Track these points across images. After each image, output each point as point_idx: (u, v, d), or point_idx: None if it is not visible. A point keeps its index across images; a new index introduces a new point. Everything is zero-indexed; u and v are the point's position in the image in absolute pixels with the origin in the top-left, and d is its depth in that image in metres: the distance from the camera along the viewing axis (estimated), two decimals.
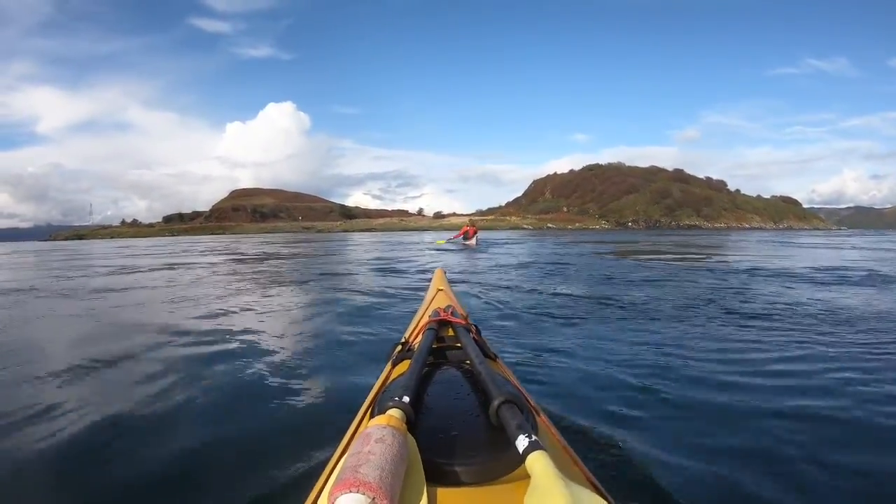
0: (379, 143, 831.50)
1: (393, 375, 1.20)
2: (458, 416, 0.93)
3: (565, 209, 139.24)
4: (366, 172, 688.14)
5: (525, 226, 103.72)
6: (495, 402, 0.84)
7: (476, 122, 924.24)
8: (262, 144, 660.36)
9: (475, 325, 1.48)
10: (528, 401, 1.05)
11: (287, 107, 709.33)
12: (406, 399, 0.86)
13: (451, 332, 1.44)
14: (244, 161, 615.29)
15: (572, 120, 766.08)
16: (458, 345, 1.30)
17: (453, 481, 0.75)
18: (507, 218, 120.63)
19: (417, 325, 1.67)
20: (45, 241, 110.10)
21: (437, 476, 0.75)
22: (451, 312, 1.55)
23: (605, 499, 0.71)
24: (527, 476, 0.69)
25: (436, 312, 1.56)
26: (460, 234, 19.56)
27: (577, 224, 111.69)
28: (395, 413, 0.80)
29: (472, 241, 18.15)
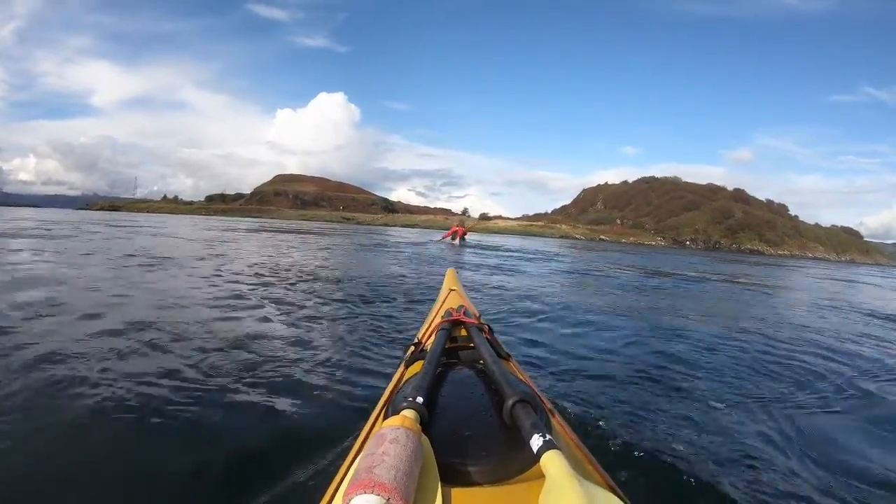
0: (427, 140, 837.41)
1: (406, 376, 1.21)
2: (472, 416, 0.97)
3: (618, 221, 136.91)
4: (412, 169, 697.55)
5: (576, 235, 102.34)
6: (509, 402, 0.88)
7: (525, 128, 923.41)
8: (312, 133, 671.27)
9: (488, 325, 1.51)
10: (541, 400, 1.08)
11: (338, 98, 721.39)
12: (420, 399, 0.90)
13: (464, 333, 1.47)
14: (292, 148, 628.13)
15: (622, 132, 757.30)
16: (472, 345, 1.34)
17: (468, 481, 0.78)
18: (558, 226, 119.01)
19: (430, 325, 1.71)
20: (81, 209, 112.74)
21: (452, 476, 0.78)
22: (464, 312, 1.57)
23: (621, 498, 0.75)
24: (541, 476, 0.71)
25: (448, 313, 1.58)
26: (448, 235, 20.40)
27: (631, 238, 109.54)
28: (408, 414, 0.84)
29: (456, 241, 19.30)
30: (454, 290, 2.28)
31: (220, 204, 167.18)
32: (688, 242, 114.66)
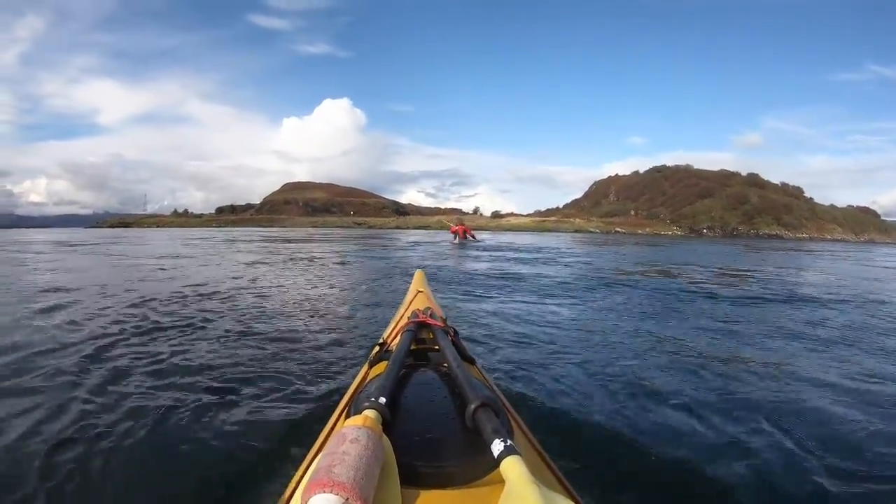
0: (434, 141, 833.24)
1: (370, 376, 1.24)
2: (434, 418, 0.98)
3: (633, 213, 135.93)
4: (420, 170, 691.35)
5: (591, 229, 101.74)
6: (471, 406, 0.89)
7: (530, 123, 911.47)
8: (319, 140, 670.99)
9: (453, 329, 1.52)
10: (504, 405, 1.11)
11: (343, 103, 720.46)
12: (382, 400, 0.90)
13: (429, 335, 1.48)
14: (300, 156, 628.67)
15: (628, 122, 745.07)
16: (437, 347, 1.35)
17: (428, 483, 0.79)
18: (571, 220, 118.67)
19: (396, 326, 1.72)
20: (91, 227, 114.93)
21: (412, 478, 0.79)
22: (430, 314, 1.58)
23: None
24: (501, 480, 0.73)
25: (415, 314, 1.60)
26: (451, 233, 19.94)
27: (647, 229, 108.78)
28: (370, 414, 0.84)
29: (457, 241, 18.89)
30: (422, 291, 2.30)
31: (230, 215, 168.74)
32: (705, 230, 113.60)
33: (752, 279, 8.84)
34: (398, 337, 1.45)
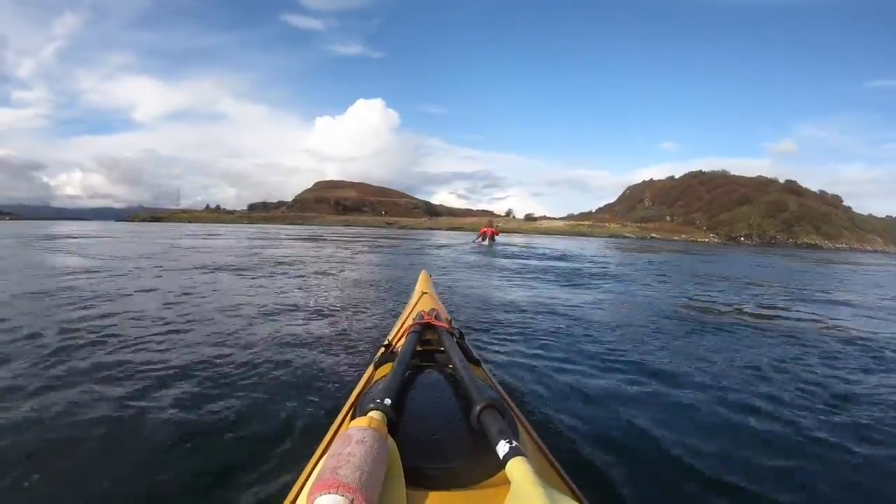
0: (466, 143, 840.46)
1: (375, 377, 1.23)
2: (440, 420, 0.98)
3: (668, 218, 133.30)
4: (452, 171, 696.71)
5: (626, 234, 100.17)
6: (477, 408, 0.88)
7: (563, 126, 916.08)
8: (351, 139, 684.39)
9: (459, 330, 1.52)
10: (510, 407, 1.11)
11: (376, 103, 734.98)
12: (388, 402, 0.90)
13: (435, 336, 1.48)
14: (333, 155, 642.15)
15: (660, 127, 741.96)
16: (442, 349, 1.34)
17: (433, 485, 0.78)
18: (606, 225, 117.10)
19: (401, 327, 1.70)
20: (121, 221, 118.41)
21: (418, 479, 0.78)
22: (436, 316, 1.57)
23: None
24: (507, 482, 0.72)
25: (420, 315, 1.59)
26: (479, 236, 19.39)
27: (682, 235, 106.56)
28: (376, 415, 0.84)
29: (486, 242, 18.58)
30: (426, 293, 2.28)
31: (261, 212, 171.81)
32: (742, 238, 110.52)
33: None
34: (403, 338, 1.45)
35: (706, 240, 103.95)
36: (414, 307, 2.06)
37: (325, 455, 0.74)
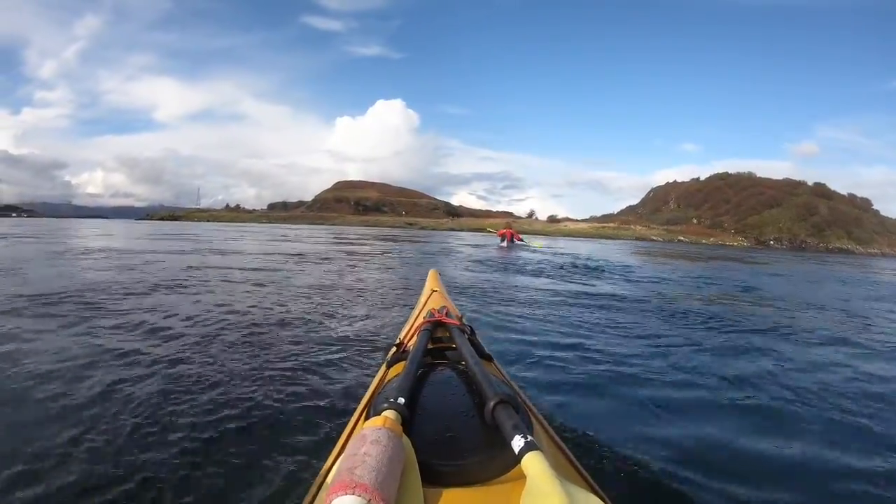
0: (486, 144, 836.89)
1: (388, 377, 1.23)
2: (454, 417, 0.97)
3: (695, 221, 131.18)
4: (472, 172, 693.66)
5: (653, 237, 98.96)
6: (490, 403, 0.87)
7: (582, 127, 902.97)
8: (371, 140, 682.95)
9: (470, 326, 1.53)
10: (523, 401, 1.10)
11: (396, 104, 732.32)
12: (401, 400, 0.91)
13: (446, 334, 1.48)
14: (353, 155, 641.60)
15: (680, 129, 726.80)
16: (453, 346, 1.35)
17: (449, 482, 0.78)
18: (632, 227, 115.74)
19: (412, 326, 1.70)
20: (141, 220, 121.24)
21: (433, 477, 0.78)
22: (446, 313, 1.58)
23: (602, 498, 0.76)
24: (523, 476, 0.71)
25: (430, 313, 1.60)
26: (499, 236, 19.10)
27: (710, 239, 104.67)
28: (390, 415, 0.84)
29: (505, 244, 18.01)
30: (436, 290, 2.28)
31: (281, 212, 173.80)
32: (771, 242, 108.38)
33: None
34: (415, 337, 1.46)
35: (734, 243, 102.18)
36: (424, 305, 2.07)
37: (342, 456, 0.74)
